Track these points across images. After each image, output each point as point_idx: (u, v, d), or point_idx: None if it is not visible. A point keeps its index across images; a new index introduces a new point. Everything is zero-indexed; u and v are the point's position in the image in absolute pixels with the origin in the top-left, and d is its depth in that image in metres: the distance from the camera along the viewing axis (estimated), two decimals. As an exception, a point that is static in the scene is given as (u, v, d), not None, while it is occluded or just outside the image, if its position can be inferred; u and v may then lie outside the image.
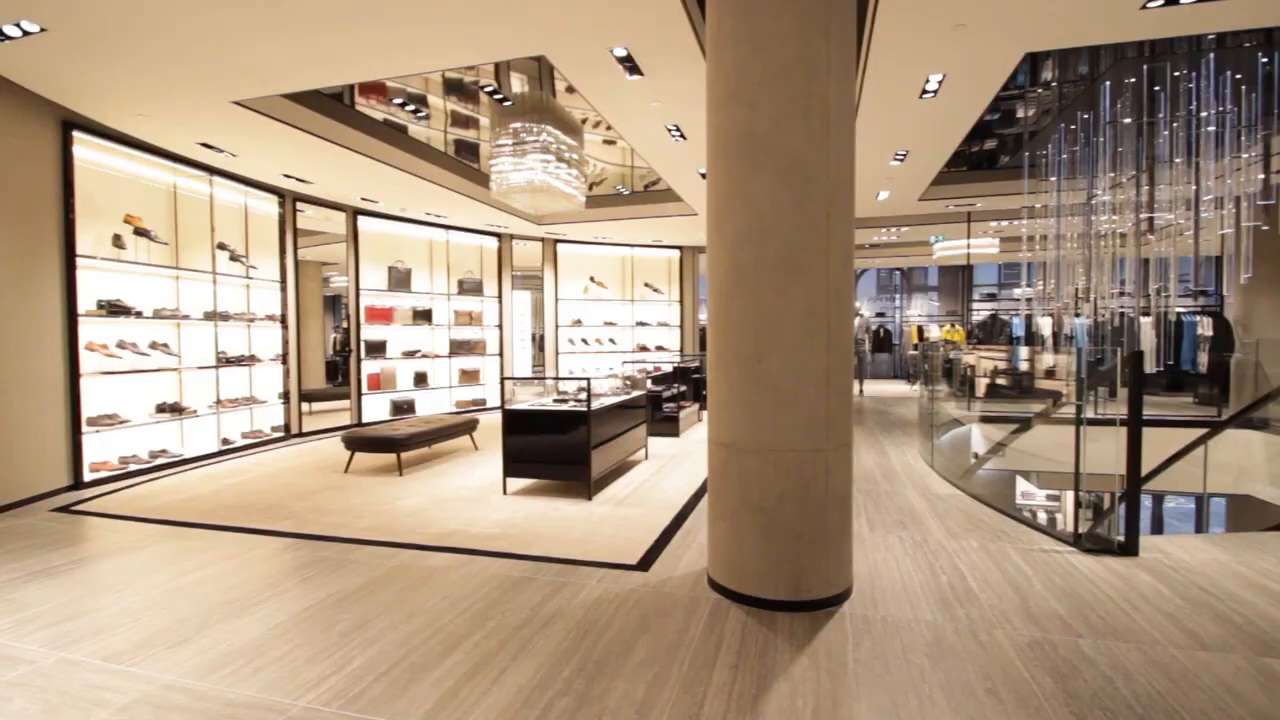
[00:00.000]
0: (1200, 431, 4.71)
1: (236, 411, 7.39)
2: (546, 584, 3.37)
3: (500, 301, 11.55)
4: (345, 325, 9.48)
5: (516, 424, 5.37)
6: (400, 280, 9.89)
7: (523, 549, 3.94)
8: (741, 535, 3.13)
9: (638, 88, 5.15)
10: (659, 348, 13.08)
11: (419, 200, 8.89)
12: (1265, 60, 6.19)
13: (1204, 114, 6.32)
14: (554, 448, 5.26)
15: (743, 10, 3.07)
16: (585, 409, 5.18)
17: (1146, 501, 7.35)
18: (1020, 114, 9.01)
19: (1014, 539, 4.08)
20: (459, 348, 10.73)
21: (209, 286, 7.06)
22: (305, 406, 8.82)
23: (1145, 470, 3.90)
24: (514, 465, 5.35)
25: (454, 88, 7.54)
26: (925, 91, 5.26)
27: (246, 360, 7.48)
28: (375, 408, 9.47)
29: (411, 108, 7.48)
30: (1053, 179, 8.24)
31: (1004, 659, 2.56)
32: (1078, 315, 9.38)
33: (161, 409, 6.44)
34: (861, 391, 13.82)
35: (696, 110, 5.47)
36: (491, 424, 8.23)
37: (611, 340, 12.75)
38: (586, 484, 5.17)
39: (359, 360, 9.25)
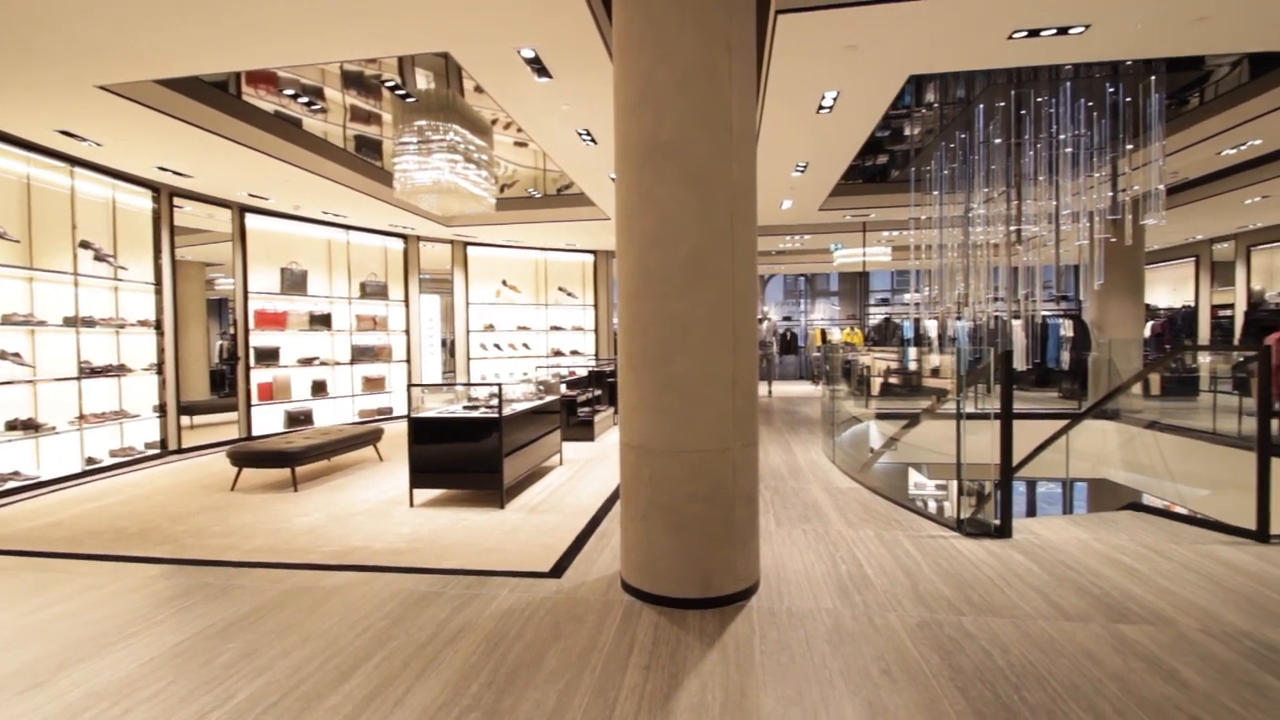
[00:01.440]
0: (1063, 423, 5.22)
1: (104, 427, 6.68)
2: (455, 597, 3.26)
3: (407, 305, 11.10)
4: (232, 331, 8.79)
5: (424, 433, 5.17)
6: (295, 283, 9.29)
7: (430, 562, 3.80)
8: (653, 537, 3.16)
9: (547, 90, 5.11)
10: (574, 352, 13.02)
11: (315, 198, 8.39)
12: (1112, 90, 6.98)
13: (1062, 137, 7.05)
14: (465, 456, 5.11)
15: (648, 19, 3.12)
16: (497, 415, 5.07)
17: (1021, 488, 8.07)
18: (907, 131, 9.69)
19: (906, 527, 4.36)
20: (362, 354, 10.22)
21: (70, 289, 6.35)
22: (186, 420, 8.11)
23: (1017, 459, 4.28)
24: (422, 476, 5.15)
25: (354, 81, 7.18)
26: (822, 107, 5.54)
27: (115, 370, 6.78)
28: (268, 420, 8.84)
29: (305, 100, 7.06)
30: (935, 193, 8.91)
31: (896, 640, 2.73)
32: (959, 319, 10.19)
33: (12, 426, 5.72)
34: (770, 392, 14.35)
35: (607, 114, 5.49)
36: (398, 433, 7.89)
37: (525, 345, 12.57)
38: (499, 492, 5.06)
39: (247, 369, 8.60)
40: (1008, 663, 2.54)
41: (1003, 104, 7.06)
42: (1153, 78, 6.42)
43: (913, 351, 12.16)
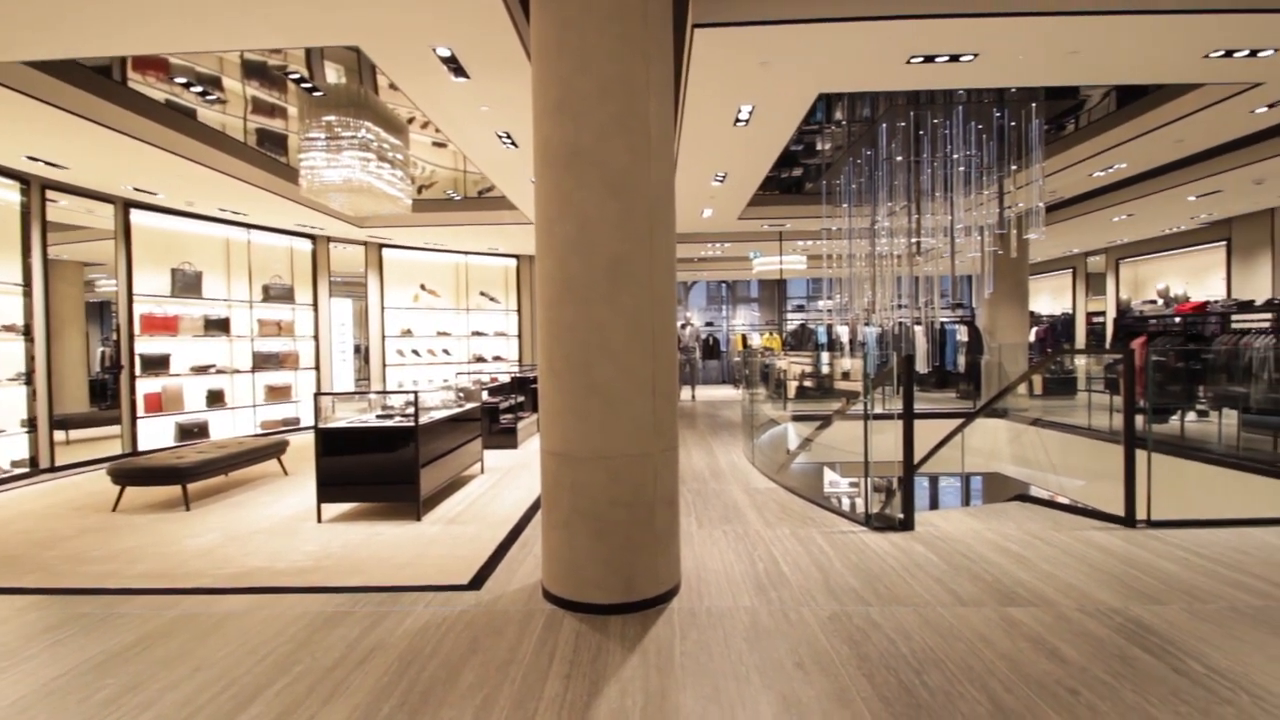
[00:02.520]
0: (959, 421, 5.61)
1: (-44, 445, 5.95)
2: (366, 616, 3.12)
3: (316, 309, 10.54)
4: (115, 337, 8.05)
5: (334, 444, 4.92)
6: (189, 285, 8.62)
7: (340, 581, 3.61)
8: (575, 543, 3.15)
9: (465, 91, 5.01)
10: (496, 358, 12.77)
11: (211, 194, 7.83)
12: (999, 115, 7.58)
13: (955, 156, 7.60)
14: (378, 467, 4.90)
15: (565, 25, 3.12)
16: (413, 424, 4.89)
17: (925, 483, 8.60)
18: (820, 146, 10.15)
19: (819, 524, 4.54)
20: (265, 361, 9.60)
21: (-88, 290, 5.62)
22: (61, 435, 7.34)
23: (919, 457, 4.55)
24: (330, 489, 4.89)
25: (256, 71, 6.77)
26: (739, 119, 5.72)
27: (-29, 381, 6.05)
28: (156, 433, 8.14)
29: (200, 90, 6.59)
30: (844, 205, 9.38)
31: (809, 634, 2.84)
32: (867, 325, 10.76)
33: None
34: (694, 397, 14.60)
35: (528, 117, 5.42)
36: (306, 445, 7.47)
37: (445, 351, 12.21)
38: (415, 504, 4.88)
39: (132, 378, 7.90)
40: (910, 649, 2.69)
41: (903, 124, 7.53)
42: (1034, 104, 7.03)
43: (825, 356, 12.72)
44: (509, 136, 6.13)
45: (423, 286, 11.96)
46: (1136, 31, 4.18)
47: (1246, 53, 4.50)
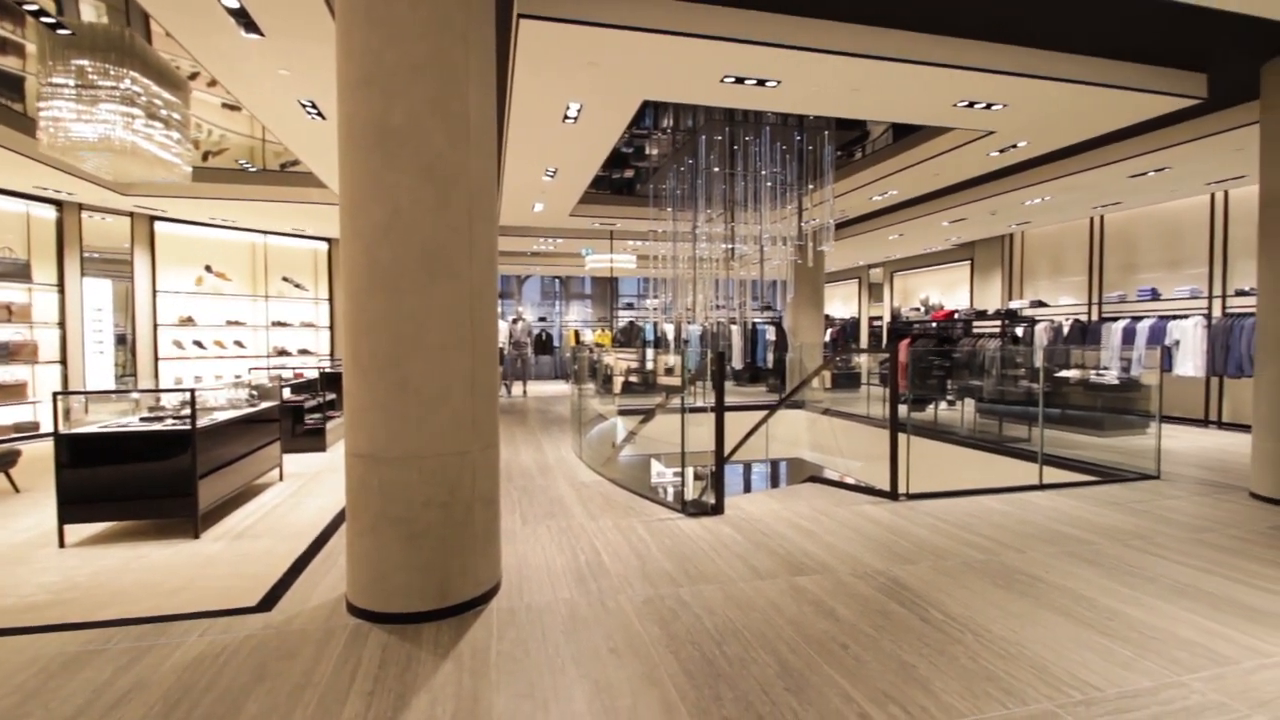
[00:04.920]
0: (765, 412, 6.18)
1: None
2: (122, 653, 2.66)
3: (62, 291, 8.73)
4: None
5: (82, 452, 4.12)
6: None
7: (87, 615, 3.05)
8: (384, 550, 2.96)
9: (260, 50, 4.46)
10: (303, 351, 11.57)
11: (-99, 141, 6.15)
12: (799, 138, 8.44)
13: (764, 172, 8.34)
14: (144, 479, 4.20)
15: (376, -6, 2.90)
16: (189, 427, 4.26)
17: (740, 469, 9.34)
18: (649, 151, 10.55)
19: (640, 513, 4.74)
20: (-13, 354, 7.77)
21: None
22: None
23: (730, 446, 4.94)
24: (76, 508, 4.09)
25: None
26: (568, 116, 5.75)
27: None
28: None
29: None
30: (669, 210, 9.87)
31: (624, 619, 2.95)
32: (690, 323, 11.43)
33: None
34: (525, 392, 14.42)
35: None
36: (48, 455, 6.16)
37: (238, 343, 10.79)
38: (192, 519, 4.25)
39: None
40: (713, 624, 2.91)
41: (720, 138, 8.10)
42: (827, 132, 7.93)
43: (650, 352, 13.30)
44: (315, 106, 5.57)
45: (208, 268, 10.45)
46: (902, 77, 4.90)
47: (984, 105, 5.48)
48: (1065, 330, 10.19)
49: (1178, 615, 2.99)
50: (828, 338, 15.44)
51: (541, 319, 20.33)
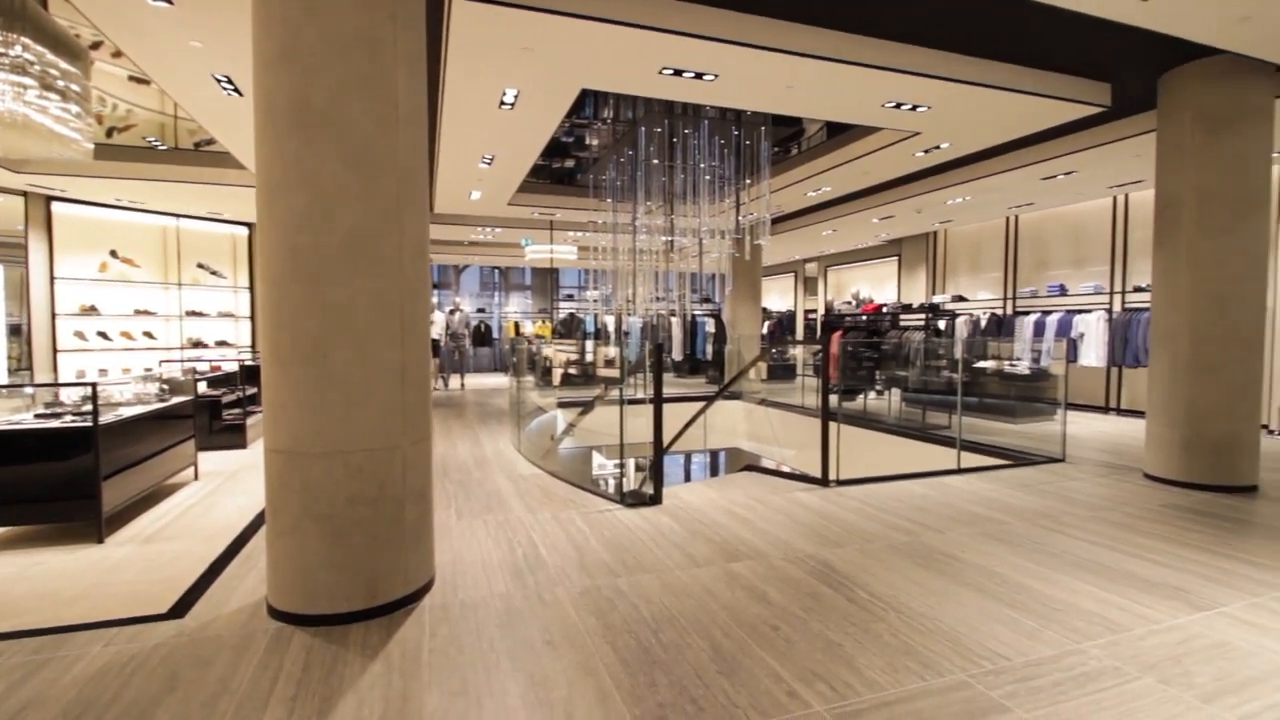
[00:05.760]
0: (703, 403, 6.27)
1: None
2: (13, 669, 2.45)
3: (-60, 277, 7.92)
4: None
5: (-37, 453, 3.76)
6: None
7: (-30, 629, 2.79)
8: (307, 550, 2.83)
9: (168, 18, 4.16)
10: (221, 343, 10.93)
11: None
12: (737, 133, 8.56)
13: (702, 166, 8.42)
14: (39, 481, 3.87)
15: (295, -36, 2.75)
16: (91, 424, 3.95)
17: (680, 460, 9.45)
18: (590, 141, 10.47)
19: (580, 506, 4.72)
20: None
21: None
22: None
23: (669, 437, 4.98)
24: (-40, 512, 3.74)
25: None
26: (504, 103, 5.62)
27: None
28: None
29: None
30: (609, 200, 9.84)
31: (561, 611, 2.94)
32: (630, 315, 11.45)
33: None
34: (463, 385, 14.11)
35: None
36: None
37: (148, 334, 10.08)
38: (95, 523, 3.96)
39: None
40: (650, 612, 2.94)
41: (659, 130, 8.12)
42: (763, 128, 8.08)
43: (589, 344, 13.26)
44: (231, 82, 5.25)
45: (113, 253, 9.69)
46: (834, 76, 5.03)
47: (910, 106, 5.70)
48: (983, 323, 10.79)
49: (1078, 588, 3.22)
50: (765, 330, 15.78)
51: (480, 310, 19.91)
